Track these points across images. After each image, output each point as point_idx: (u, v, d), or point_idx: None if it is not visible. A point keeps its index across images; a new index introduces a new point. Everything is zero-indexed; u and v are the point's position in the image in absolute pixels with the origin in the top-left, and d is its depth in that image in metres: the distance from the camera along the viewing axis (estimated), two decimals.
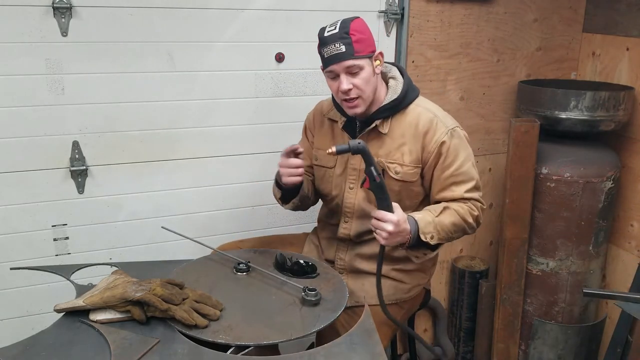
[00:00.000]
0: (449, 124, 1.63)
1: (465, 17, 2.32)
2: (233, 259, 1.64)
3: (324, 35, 1.54)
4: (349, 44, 1.51)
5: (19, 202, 1.93)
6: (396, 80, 1.66)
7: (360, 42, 1.52)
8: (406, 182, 1.64)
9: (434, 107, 1.68)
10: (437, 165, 1.62)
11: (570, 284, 2.32)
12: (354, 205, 1.70)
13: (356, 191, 1.70)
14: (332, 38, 1.52)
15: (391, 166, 1.63)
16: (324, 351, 1.26)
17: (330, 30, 1.54)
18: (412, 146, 1.62)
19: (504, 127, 2.53)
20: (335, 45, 1.52)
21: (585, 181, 2.21)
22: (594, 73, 2.49)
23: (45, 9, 1.79)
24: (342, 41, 1.51)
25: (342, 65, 1.53)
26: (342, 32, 1.52)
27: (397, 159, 1.63)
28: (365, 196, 1.69)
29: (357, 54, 1.52)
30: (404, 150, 1.62)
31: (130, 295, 1.33)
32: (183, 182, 2.13)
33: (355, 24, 1.54)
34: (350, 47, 1.51)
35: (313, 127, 1.82)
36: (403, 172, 1.63)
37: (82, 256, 2.04)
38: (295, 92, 2.18)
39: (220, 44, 2.03)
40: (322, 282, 1.57)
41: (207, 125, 2.10)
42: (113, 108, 1.96)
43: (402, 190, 1.65)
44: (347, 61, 1.52)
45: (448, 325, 2.72)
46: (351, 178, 1.70)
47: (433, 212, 1.58)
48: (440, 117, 1.63)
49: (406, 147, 1.62)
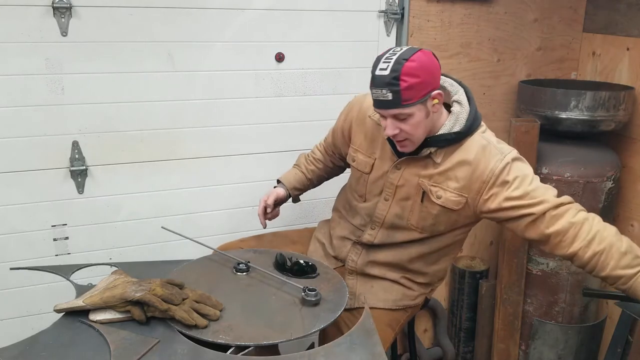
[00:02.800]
0: (504, 151, 1.48)
1: (466, 17, 2.32)
2: (233, 259, 1.64)
3: (375, 73, 1.40)
4: (396, 92, 1.36)
5: (18, 202, 1.93)
6: (461, 106, 1.50)
7: (410, 89, 1.37)
8: (447, 208, 1.54)
9: (489, 134, 1.54)
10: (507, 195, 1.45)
11: (571, 284, 2.32)
12: (384, 217, 1.64)
13: (390, 203, 1.62)
14: (380, 82, 1.38)
15: (433, 189, 1.53)
16: (324, 351, 1.26)
17: (382, 70, 1.38)
18: (459, 173, 1.49)
19: (504, 127, 2.53)
20: (382, 92, 1.38)
21: (585, 181, 2.21)
22: (594, 73, 2.49)
23: (45, 8, 1.79)
24: (389, 88, 1.37)
25: (387, 112, 1.43)
26: (391, 76, 1.36)
27: (441, 183, 1.53)
28: (398, 212, 1.62)
29: (405, 103, 1.38)
30: (450, 176, 1.51)
31: (130, 295, 1.33)
32: (183, 182, 2.13)
33: (408, 67, 1.36)
34: (397, 95, 1.37)
35: (354, 120, 1.69)
36: (445, 197, 1.52)
37: (82, 256, 2.04)
38: (295, 92, 2.18)
39: (220, 44, 2.03)
40: (322, 282, 1.57)
41: (207, 125, 2.10)
42: (113, 108, 1.96)
43: (441, 214, 1.56)
44: (393, 110, 1.40)
45: (448, 326, 2.72)
46: (388, 191, 1.62)
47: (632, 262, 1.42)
48: (494, 143, 1.50)
49: (452, 173, 1.50)
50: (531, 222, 1.45)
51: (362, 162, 1.67)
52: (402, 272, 1.69)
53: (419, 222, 1.59)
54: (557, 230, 1.44)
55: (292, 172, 1.91)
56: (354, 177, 1.74)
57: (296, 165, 1.94)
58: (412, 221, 1.60)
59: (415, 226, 1.60)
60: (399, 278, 1.70)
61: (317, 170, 1.91)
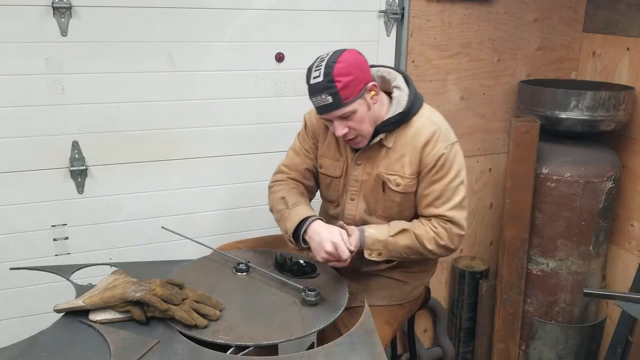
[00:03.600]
0: (450, 139, 1.59)
1: (466, 17, 2.32)
2: (233, 259, 1.64)
3: (310, 82, 1.48)
4: (334, 93, 1.45)
5: (18, 202, 1.93)
6: (401, 90, 1.60)
7: (346, 87, 1.45)
8: (407, 193, 1.62)
9: (438, 118, 1.63)
10: (427, 176, 1.58)
11: (571, 284, 2.32)
12: (354, 216, 1.69)
13: (357, 203, 1.68)
14: (317, 88, 1.46)
15: (391, 178, 1.61)
16: (324, 351, 1.26)
17: (316, 77, 1.46)
18: (412, 158, 1.58)
19: (504, 127, 2.53)
20: (322, 97, 1.46)
21: (585, 181, 2.21)
22: (594, 73, 2.49)
23: (45, 8, 1.79)
24: (327, 92, 1.45)
25: (332, 115, 1.50)
26: (326, 80, 1.44)
27: (398, 171, 1.60)
28: (366, 208, 1.67)
29: (345, 101, 1.47)
30: (405, 162, 1.59)
31: (130, 296, 1.33)
32: (183, 182, 2.13)
33: (339, 68, 1.44)
34: (336, 97, 1.45)
35: (317, 131, 1.74)
36: (404, 184, 1.60)
37: (82, 256, 2.04)
38: (295, 92, 2.18)
39: (220, 44, 2.03)
40: (322, 282, 1.57)
41: (207, 125, 2.10)
42: (113, 108, 1.96)
43: (403, 201, 1.63)
44: (337, 111, 1.48)
45: (448, 326, 2.72)
46: (352, 189, 1.68)
47: (389, 230, 1.58)
48: (443, 130, 1.59)
49: (406, 159, 1.59)
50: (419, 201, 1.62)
51: (330, 166, 1.71)
52: (394, 267, 1.71)
53: (385, 211, 1.66)
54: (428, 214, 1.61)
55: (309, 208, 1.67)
56: (323, 185, 1.77)
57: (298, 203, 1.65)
58: (380, 212, 1.66)
59: (384, 217, 1.66)
60: (393, 273, 1.72)
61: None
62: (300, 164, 1.76)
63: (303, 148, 1.76)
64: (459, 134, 2.44)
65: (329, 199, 1.78)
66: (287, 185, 1.73)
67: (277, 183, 1.76)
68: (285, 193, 1.68)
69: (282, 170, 1.79)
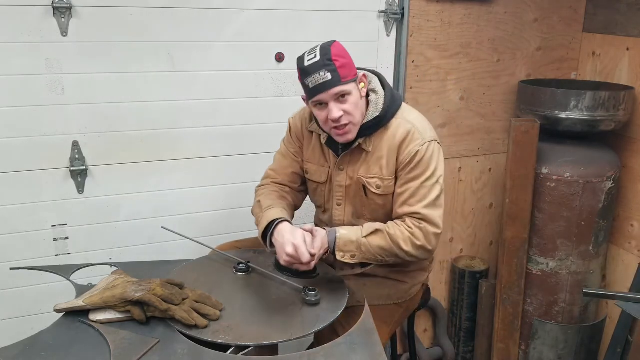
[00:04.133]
0: (426, 137, 1.58)
1: (466, 17, 2.32)
2: (233, 259, 1.64)
3: (305, 65, 1.49)
4: (334, 70, 1.46)
5: (19, 202, 1.93)
6: (377, 93, 1.60)
7: (344, 67, 1.48)
8: (388, 195, 1.62)
9: (416, 118, 1.62)
10: (403, 174, 1.58)
11: (570, 284, 2.32)
12: (343, 221, 1.70)
13: (344, 207, 1.69)
14: (315, 67, 1.47)
15: (371, 181, 1.62)
16: (323, 351, 1.26)
17: (311, 59, 1.48)
18: (389, 158, 1.59)
19: (504, 127, 2.53)
20: (320, 74, 1.46)
21: (585, 181, 2.21)
22: (594, 73, 2.49)
23: (45, 8, 1.79)
24: (326, 69, 1.46)
25: (330, 93, 1.48)
26: (324, 59, 1.46)
27: (377, 174, 1.61)
28: (354, 211, 1.69)
29: (344, 80, 1.48)
30: (382, 164, 1.60)
31: (130, 295, 1.33)
32: (183, 182, 2.13)
33: (335, 49, 1.49)
34: (336, 73, 1.47)
35: (301, 135, 1.75)
36: (384, 185, 1.61)
37: (82, 256, 2.04)
38: (295, 92, 2.18)
39: (220, 44, 2.03)
40: (322, 282, 1.57)
41: (207, 125, 2.10)
42: (113, 108, 1.96)
43: (387, 203, 1.64)
44: (335, 88, 1.48)
45: (448, 325, 2.72)
46: (338, 195, 1.69)
47: (362, 231, 1.56)
48: (418, 128, 1.58)
49: (384, 161, 1.60)
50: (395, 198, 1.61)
51: (316, 172, 1.72)
52: (390, 266, 1.71)
53: (372, 214, 1.67)
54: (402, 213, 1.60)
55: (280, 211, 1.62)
56: (310, 190, 1.79)
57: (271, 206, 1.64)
58: (367, 215, 1.67)
59: (372, 220, 1.65)
60: (389, 273, 1.73)
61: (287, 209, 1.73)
62: (287, 167, 1.77)
63: (289, 151, 1.77)
64: (459, 134, 2.46)
65: (316, 204, 1.80)
66: (268, 189, 1.74)
67: (261, 187, 1.77)
68: (262, 197, 1.69)
69: (268, 175, 1.80)
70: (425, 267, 1.81)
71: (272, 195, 1.70)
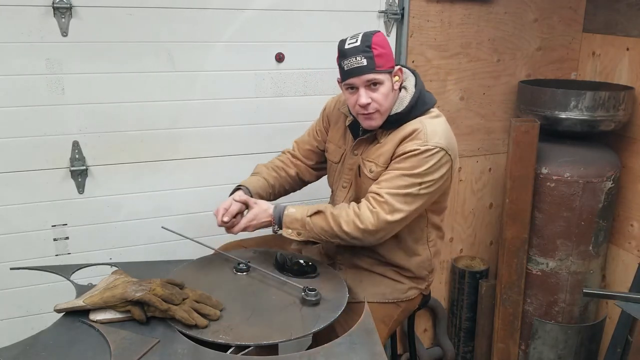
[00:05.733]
0: (430, 141, 1.53)
1: (465, 17, 2.32)
2: (233, 259, 1.64)
3: (345, 47, 1.52)
4: (370, 57, 1.49)
5: (19, 202, 1.93)
6: (407, 91, 1.61)
7: (381, 56, 1.51)
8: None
9: (433, 123, 1.58)
10: (392, 163, 1.57)
11: (570, 284, 2.32)
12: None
13: (347, 190, 1.71)
14: (353, 51, 1.50)
15: (367, 164, 1.64)
16: (323, 351, 1.26)
17: (352, 43, 1.51)
18: (389, 149, 1.60)
19: (504, 127, 2.53)
20: (357, 59, 1.50)
21: (585, 181, 2.21)
22: (594, 73, 2.49)
23: (45, 9, 1.79)
24: (363, 54, 1.49)
25: (362, 78, 1.52)
26: (363, 45, 1.50)
27: (374, 159, 1.63)
28: (353, 197, 1.69)
29: (378, 68, 1.51)
30: (382, 152, 1.61)
31: (130, 295, 1.33)
32: (183, 182, 2.13)
33: (377, 38, 1.51)
34: (371, 60, 1.50)
35: (332, 114, 1.81)
36: (376, 171, 1.62)
37: (82, 256, 2.04)
38: (295, 92, 2.18)
39: (220, 44, 2.03)
40: (322, 282, 1.57)
41: (207, 125, 2.10)
42: (113, 108, 1.96)
43: None
44: (368, 75, 1.51)
45: (448, 325, 2.72)
46: (346, 177, 1.72)
47: (307, 210, 1.58)
48: (427, 131, 1.55)
49: (384, 149, 1.61)
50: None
51: (333, 152, 1.78)
52: (388, 266, 1.72)
53: None
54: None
55: (254, 179, 1.81)
56: (328, 169, 1.84)
57: (255, 173, 1.85)
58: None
59: None
60: (386, 271, 1.73)
61: (279, 179, 1.86)
62: (306, 142, 1.89)
63: (314, 129, 1.88)
64: (459, 134, 2.46)
65: (328, 183, 1.85)
66: (278, 158, 1.90)
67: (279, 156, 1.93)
68: (266, 163, 1.86)
69: (292, 146, 1.94)
70: (424, 276, 1.78)
71: (269, 165, 1.86)
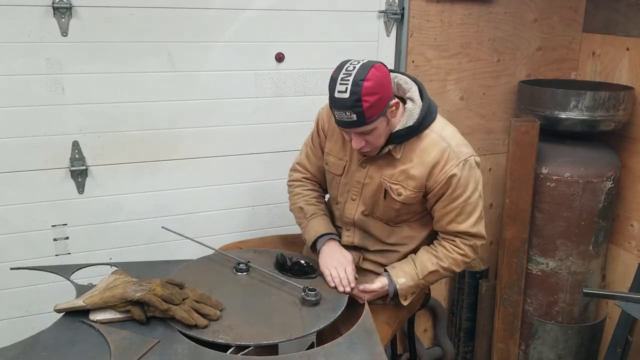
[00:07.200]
0: (461, 155, 1.56)
1: (465, 17, 2.32)
2: (233, 259, 1.65)
3: (335, 95, 1.44)
4: (360, 113, 1.43)
5: (18, 202, 1.93)
6: (414, 102, 1.57)
7: (372, 107, 1.43)
8: (406, 204, 1.62)
9: (449, 133, 1.60)
10: (445, 196, 1.57)
11: (570, 284, 2.32)
12: (353, 216, 1.69)
13: (357, 203, 1.68)
14: (342, 104, 1.43)
15: (394, 187, 1.60)
16: (324, 351, 1.26)
17: (341, 92, 1.42)
18: (417, 172, 1.57)
19: (504, 127, 2.53)
20: (346, 114, 1.44)
21: (585, 181, 2.21)
22: (594, 73, 2.49)
23: (45, 9, 1.79)
24: (353, 110, 1.42)
25: (352, 131, 1.50)
26: (353, 99, 1.41)
27: (402, 182, 1.59)
28: (364, 209, 1.68)
29: (369, 120, 1.45)
30: (410, 175, 1.58)
31: (130, 295, 1.33)
32: (183, 182, 2.13)
33: (367, 88, 1.41)
34: (361, 115, 1.43)
35: (327, 128, 1.75)
36: (405, 195, 1.59)
37: (82, 256, 2.04)
38: (295, 92, 2.18)
39: (220, 44, 2.03)
40: (322, 282, 1.57)
41: (207, 125, 2.10)
42: (113, 108, 1.96)
43: (402, 208, 1.63)
44: (359, 128, 1.47)
45: (448, 325, 2.72)
46: (354, 190, 1.68)
47: (417, 273, 1.63)
48: (453, 147, 1.56)
49: (413, 172, 1.57)
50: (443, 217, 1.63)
51: (334, 164, 1.72)
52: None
53: (384, 215, 1.67)
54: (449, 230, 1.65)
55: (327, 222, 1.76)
56: (327, 180, 1.80)
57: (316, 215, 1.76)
58: (378, 214, 1.68)
59: (381, 218, 1.68)
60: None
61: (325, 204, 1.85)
62: (312, 162, 1.82)
63: (316, 145, 1.80)
64: None
65: (331, 195, 1.81)
66: (303, 188, 1.82)
67: (294, 184, 1.85)
68: (302, 203, 1.78)
69: (297, 169, 1.86)
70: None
71: (311, 200, 1.79)
